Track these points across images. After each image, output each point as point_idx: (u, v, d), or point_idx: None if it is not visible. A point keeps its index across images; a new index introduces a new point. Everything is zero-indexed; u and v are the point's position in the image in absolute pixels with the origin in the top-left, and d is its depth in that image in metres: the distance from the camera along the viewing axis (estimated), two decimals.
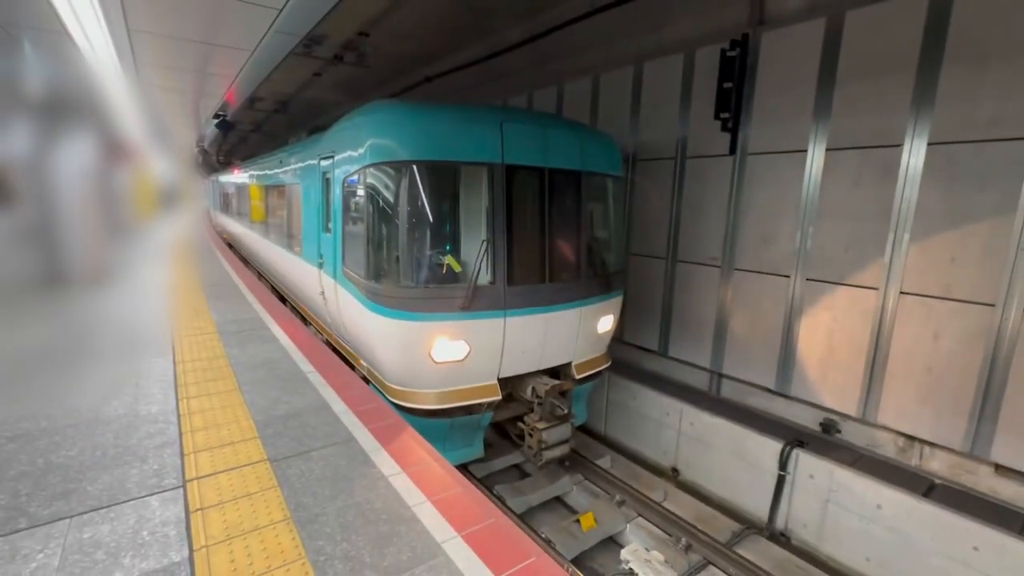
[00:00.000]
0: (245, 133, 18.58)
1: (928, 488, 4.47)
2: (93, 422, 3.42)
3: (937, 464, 4.67)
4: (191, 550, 2.28)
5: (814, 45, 5.05)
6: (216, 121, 11.88)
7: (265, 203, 10.25)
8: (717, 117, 5.68)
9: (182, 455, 3.06)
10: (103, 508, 2.54)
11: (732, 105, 5.56)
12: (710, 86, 5.82)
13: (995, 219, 4.07)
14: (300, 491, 2.73)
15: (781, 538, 5.25)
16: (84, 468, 2.88)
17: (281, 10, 4.35)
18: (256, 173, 11.34)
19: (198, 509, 2.56)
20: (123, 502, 2.59)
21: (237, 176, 14.22)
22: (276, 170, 9.06)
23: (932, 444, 4.65)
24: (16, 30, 4.53)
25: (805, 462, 5.00)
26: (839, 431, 5.32)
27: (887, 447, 4.97)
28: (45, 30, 4.60)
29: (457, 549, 2.35)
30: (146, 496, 2.65)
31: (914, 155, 4.47)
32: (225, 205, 17.32)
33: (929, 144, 4.37)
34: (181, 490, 2.71)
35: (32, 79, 4.57)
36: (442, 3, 7.39)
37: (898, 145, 4.55)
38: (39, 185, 4.56)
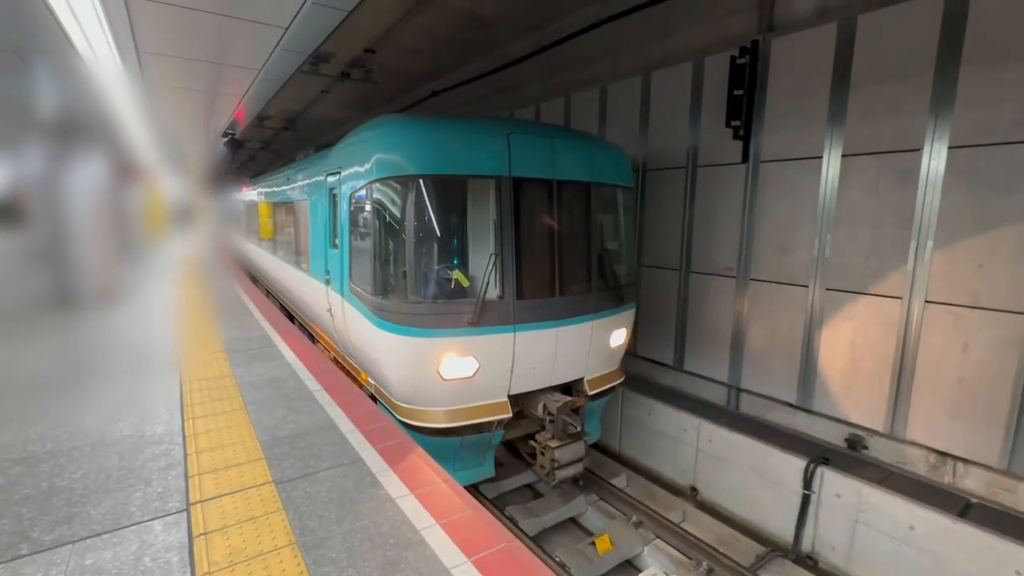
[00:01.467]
0: (254, 151, 18.90)
1: (964, 507, 4.25)
2: (99, 444, 3.39)
3: (972, 482, 4.44)
4: None
5: (826, 50, 4.97)
6: (225, 140, 12.08)
7: None
8: (728, 125, 5.61)
9: (187, 477, 3.01)
10: (106, 533, 2.49)
11: (743, 112, 5.49)
12: (720, 94, 5.76)
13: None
14: (306, 514, 2.66)
15: (808, 561, 5.01)
16: (88, 491, 2.84)
17: (287, 28, 4.39)
18: None
19: (202, 534, 2.50)
20: (126, 527, 2.54)
21: None
22: None
23: (966, 460, 4.44)
24: (28, 54, 4.64)
25: (831, 480, 4.80)
26: (866, 447, 5.11)
27: (918, 464, 4.76)
28: (56, 53, 4.70)
29: None
30: (149, 520, 2.59)
31: (935, 159, 4.34)
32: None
33: (950, 148, 4.25)
34: (185, 514, 2.66)
35: (44, 101, 4.65)
36: (447, 19, 7.46)
37: (917, 149, 4.43)
38: (50, 206, 4.60)
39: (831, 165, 5.03)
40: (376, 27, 7.64)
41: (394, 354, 4.56)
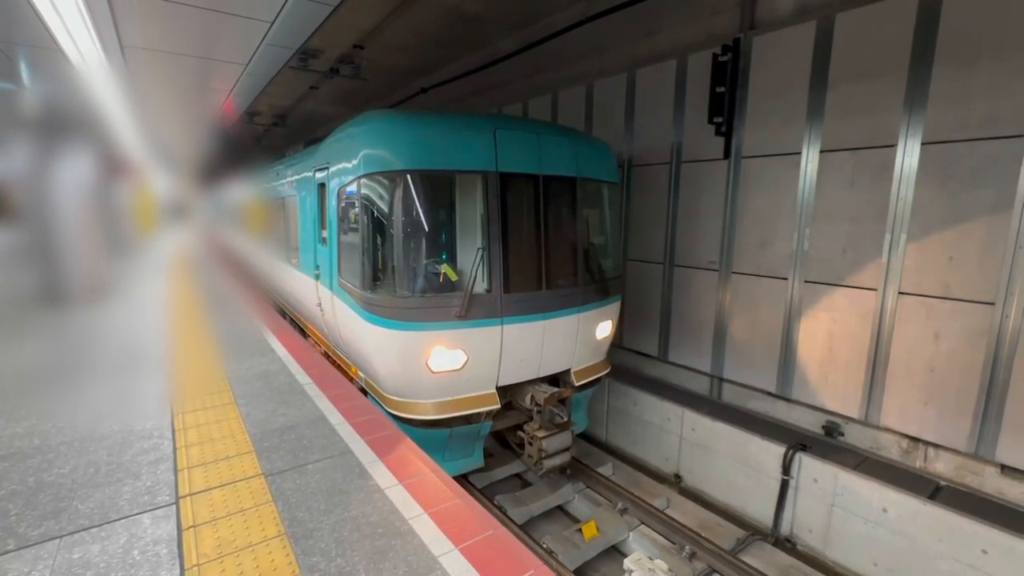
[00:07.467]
0: (245, 146, 18.69)
1: (934, 490, 4.41)
2: (87, 439, 3.39)
3: (942, 466, 4.61)
4: (182, 569, 2.24)
5: (805, 48, 5.06)
6: (215, 135, 11.95)
7: None
8: (711, 121, 5.69)
9: (176, 471, 3.02)
10: (94, 527, 2.50)
11: (725, 109, 5.58)
12: (703, 91, 5.84)
13: (992, 217, 4.05)
14: (295, 506, 2.69)
15: (786, 544, 5.17)
16: (76, 486, 2.84)
17: (272, 23, 4.38)
18: None
19: (191, 526, 2.52)
20: (114, 520, 2.55)
21: None
22: None
23: (936, 445, 4.60)
24: (11, 49, 4.58)
25: (809, 466, 4.95)
26: (842, 434, 5.26)
27: (891, 449, 4.92)
28: (39, 48, 4.64)
29: (454, 563, 2.30)
30: (138, 514, 2.61)
31: (908, 155, 4.46)
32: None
33: (923, 144, 4.37)
34: (174, 507, 2.67)
35: (29, 97, 4.60)
36: (435, 15, 7.45)
37: (892, 145, 4.55)
38: (38, 202, 4.56)
39: (810, 161, 5.14)
40: (364, 23, 7.61)
41: (383, 348, 4.60)
